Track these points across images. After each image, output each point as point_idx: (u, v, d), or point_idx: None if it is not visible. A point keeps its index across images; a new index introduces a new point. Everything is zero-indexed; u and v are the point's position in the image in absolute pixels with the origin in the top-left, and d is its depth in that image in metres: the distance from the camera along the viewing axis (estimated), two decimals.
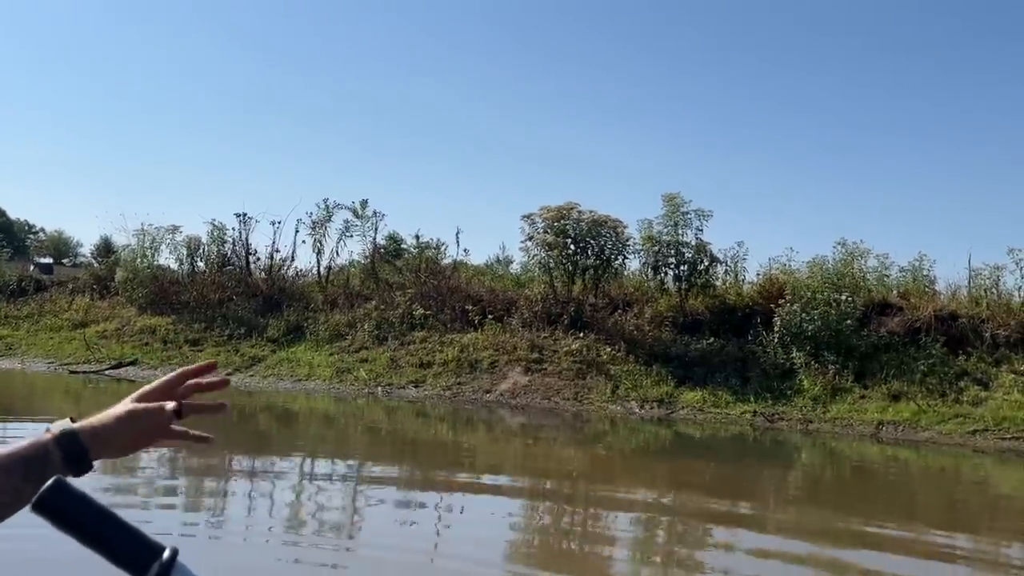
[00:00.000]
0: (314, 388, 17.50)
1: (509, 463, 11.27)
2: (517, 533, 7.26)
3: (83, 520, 0.73)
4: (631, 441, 13.79)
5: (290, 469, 9.94)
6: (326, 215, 23.42)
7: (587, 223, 19.64)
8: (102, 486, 8.15)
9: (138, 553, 0.73)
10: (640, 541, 7.27)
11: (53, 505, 0.72)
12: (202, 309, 21.18)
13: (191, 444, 1.23)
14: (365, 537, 6.88)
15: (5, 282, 24.37)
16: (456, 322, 19.51)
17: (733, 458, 12.55)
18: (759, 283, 19.40)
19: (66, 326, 21.50)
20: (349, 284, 22.76)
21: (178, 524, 6.67)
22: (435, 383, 17.33)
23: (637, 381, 16.51)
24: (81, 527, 0.73)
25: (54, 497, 0.72)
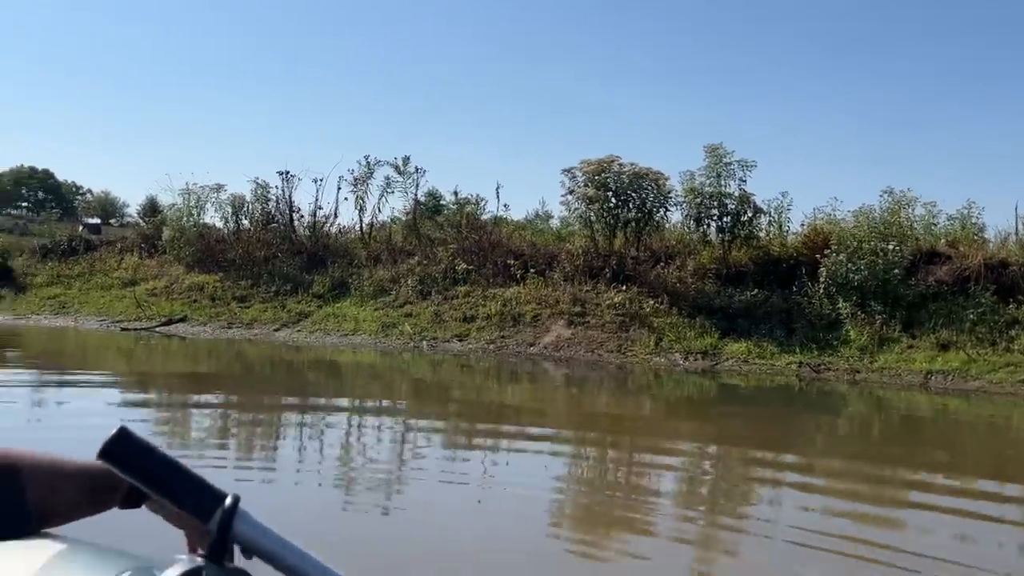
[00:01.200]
0: (360, 342, 17.73)
1: (554, 414, 11.38)
2: (562, 482, 7.35)
3: (148, 467, 0.75)
4: (676, 392, 13.83)
5: (339, 420, 10.12)
6: (367, 172, 23.55)
7: (628, 176, 19.51)
8: (160, 431, 8.41)
9: (202, 499, 0.74)
10: (685, 491, 7.33)
11: (119, 453, 0.74)
12: (248, 266, 21.49)
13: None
14: (413, 484, 7.01)
15: (56, 242, 24.87)
16: (498, 277, 19.60)
17: (779, 408, 12.55)
18: (804, 234, 19.20)
19: (116, 284, 21.94)
20: (391, 240, 22.93)
21: (232, 471, 6.87)
22: (479, 337, 17.48)
23: (681, 333, 16.51)
24: (146, 474, 0.75)
25: (119, 445, 0.74)
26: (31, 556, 0.76)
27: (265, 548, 0.74)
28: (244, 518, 0.73)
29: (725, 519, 6.29)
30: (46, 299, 21.36)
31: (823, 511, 6.45)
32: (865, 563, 5.03)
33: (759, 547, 5.46)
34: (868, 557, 5.13)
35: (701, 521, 6.26)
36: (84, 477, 0.93)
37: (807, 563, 5.05)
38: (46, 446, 0.96)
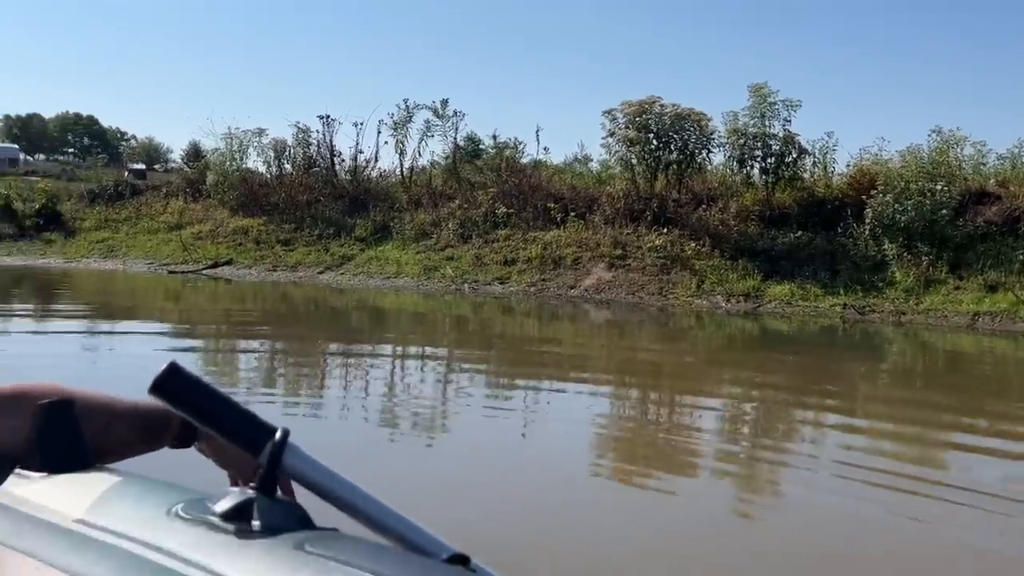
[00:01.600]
0: (403, 285, 17.92)
1: (595, 355, 11.45)
2: (603, 422, 7.43)
3: (198, 402, 0.75)
4: (717, 334, 13.83)
5: (383, 360, 10.28)
6: (407, 116, 23.52)
7: (670, 117, 19.29)
8: (208, 372, 8.64)
9: (252, 433, 0.75)
10: (727, 430, 7.38)
11: (170, 387, 0.74)
12: (291, 210, 21.69)
13: None
14: (456, 421, 7.14)
15: (103, 187, 25.27)
16: (538, 220, 19.59)
17: (823, 350, 12.51)
18: (849, 175, 18.90)
19: (163, 228, 22.30)
20: (432, 184, 22.97)
21: (280, 407, 7.04)
22: (520, 279, 17.56)
23: (723, 276, 16.45)
24: (196, 408, 0.75)
25: (170, 380, 0.74)
26: (88, 487, 0.78)
27: (314, 480, 0.74)
28: (293, 451, 0.74)
29: (767, 454, 6.34)
30: (95, 243, 21.79)
31: (866, 449, 6.48)
32: (908, 495, 5.08)
33: (800, 480, 5.52)
34: (911, 490, 5.18)
35: (743, 456, 6.32)
36: (136, 416, 0.95)
37: (848, 495, 5.11)
38: (99, 384, 0.99)
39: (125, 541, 0.70)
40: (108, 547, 0.70)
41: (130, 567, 0.68)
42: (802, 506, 5.05)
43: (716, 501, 5.15)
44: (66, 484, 0.80)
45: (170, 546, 0.68)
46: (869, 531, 4.51)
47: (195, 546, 0.67)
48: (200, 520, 0.70)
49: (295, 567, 0.64)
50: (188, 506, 0.72)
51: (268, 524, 0.69)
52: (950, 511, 4.85)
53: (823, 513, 4.86)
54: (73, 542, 0.72)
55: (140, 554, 0.69)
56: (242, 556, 0.66)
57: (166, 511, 0.72)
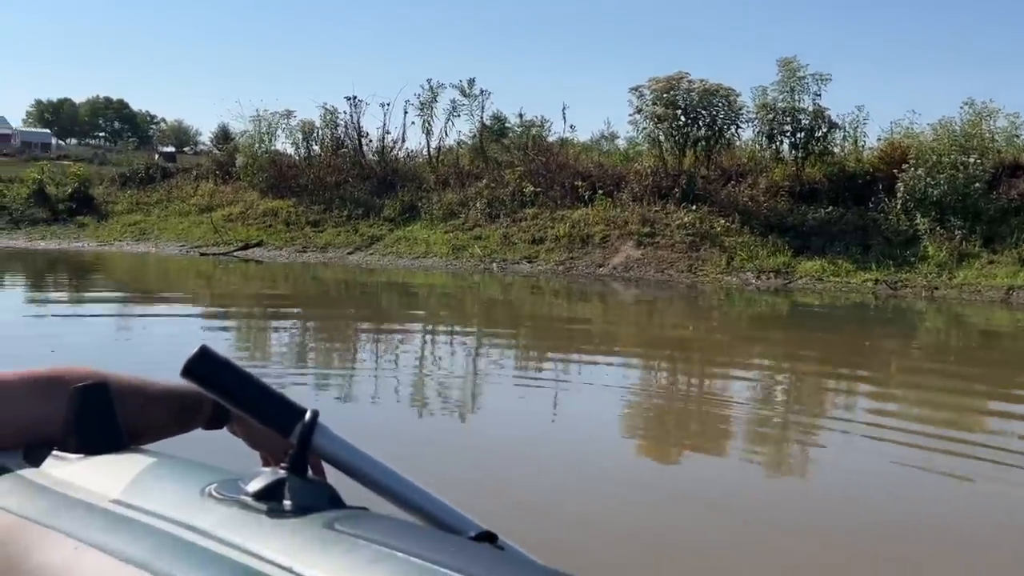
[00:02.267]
0: (431, 265, 17.98)
1: (624, 332, 11.44)
2: (634, 400, 7.43)
3: (229, 384, 0.76)
4: (748, 311, 13.76)
5: (414, 337, 10.36)
6: (432, 95, 23.47)
7: (698, 93, 19.11)
8: (241, 352, 8.74)
9: (282, 415, 0.75)
10: (757, 410, 7.36)
11: (201, 370, 0.75)
12: (320, 191, 21.80)
13: None
14: (486, 400, 7.20)
15: (134, 170, 25.50)
16: (566, 198, 19.54)
17: (855, 326, 12.41)
18: (880, 148, 18.67)
19: (193, 211, 22.50)
20: (459, 163, 22.96)
21: (311, 387, 7.12)
22: (548, 258, 17.56)
23: (753, 252, 16.34)
24: (227, 390, 0.76)
25: (201, 363, 0.75)
26: (123, 468, 0.79)
27: (344, 460, 0.76)
28: (323, 432, 0.75)
29: (801, 420, 6.36)
30: (127, 226, 22.04)
31: (900, 415, 6.47)
32: (942, 454, 5.08)
33: (833, 444, 5.54)
34: (944, 449, 5.16)
35: (776, 422, 6.33)
36: (170, 398, 0.97)
37: (883, 455, 5.12)
38: (133, 366, 1.02)
39: (160, 521, 0.71)
40: (144, 526, 0.71)
41: (165, 546, 0.68)
42: (840, 471, 5.05)
43: (749, 466, 5.17)
44: (102, 465, 0.81)
45: (204, 525, 0.69)
46: (911, 499, 4.51)
47: (228, 525, 0.68)
48: (233, 500, 0.71)
49: (325, 545, 0.64)
50: (221, 486, 0.72)
51: (299, 503, 0.69)
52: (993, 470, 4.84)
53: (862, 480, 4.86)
54: (110, 521, 0.72)
55: (175, 533, 0.69)
56: (274, 535, 0.66)
57: (200, 491, 0.73)
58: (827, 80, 18.57)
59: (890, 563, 3.74)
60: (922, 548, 3.97)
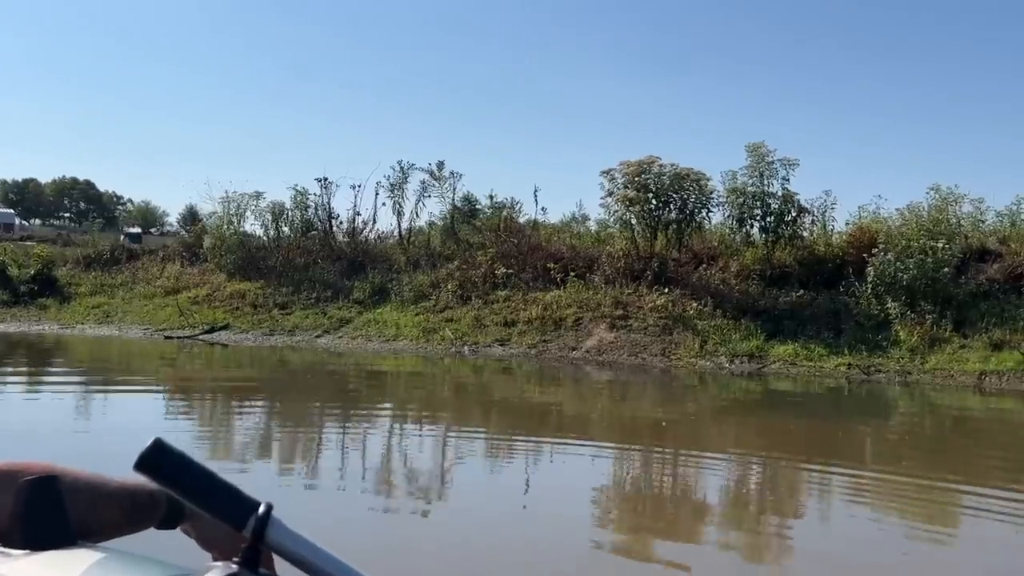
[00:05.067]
0: (402, 348, 17.71)
1: (597, 419, 11.23)
2: (606, 487, 7.23)
3: (182, 477, 0.76)
4: (722, 396, 13.61)
5: (381, 426, 10.09)
6: (403, 177, 23.56)
7: (669, 177, 19.30)
8: (203, 439, 8.42)
9: (235, 508, 0.75)
10: (732, 497, 7.17)
11: (154, 463, 0.75)
12: (289, 273, 21.57)
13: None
14: (456, 488, 6.98)
15: (99, 252, 25.14)
16: (538, 280, 19.48)
17: (829, 412, 12.29)
18: (849, 232, 18.90)
19: (159, 293, 22.13)
20: (430, 245, 22.92)
21: (274, 476, 6.86)
22: (520, 341, 17.37)
23: (726, 336, 16.28)
24: (181, 484, 0.76)
25: (154, 456, 0.75)
26: (70, 565, 0.78)
27: (298, 555, 0.75)
28: (277, 525, 0.75)
29: (771, 528, 6.13)
30: (90, 308, 21.58)
31: (874, 521, 6.26)
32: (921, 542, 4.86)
33: (808, 559, 5.30)
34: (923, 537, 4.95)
35: (746, 528, 6.10)
36: (124, 496, 0.97)
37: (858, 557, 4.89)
38: (88, 455, 1.05)
39: None
40: None
41: None
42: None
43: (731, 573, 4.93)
44: (49, 561, 0.81)
45: None
46: None
47: None
48: None
49: None
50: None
51: None
52: None
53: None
54: None
55: None
56: None
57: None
58: (795, 165, 18.86)
59: None
60: None
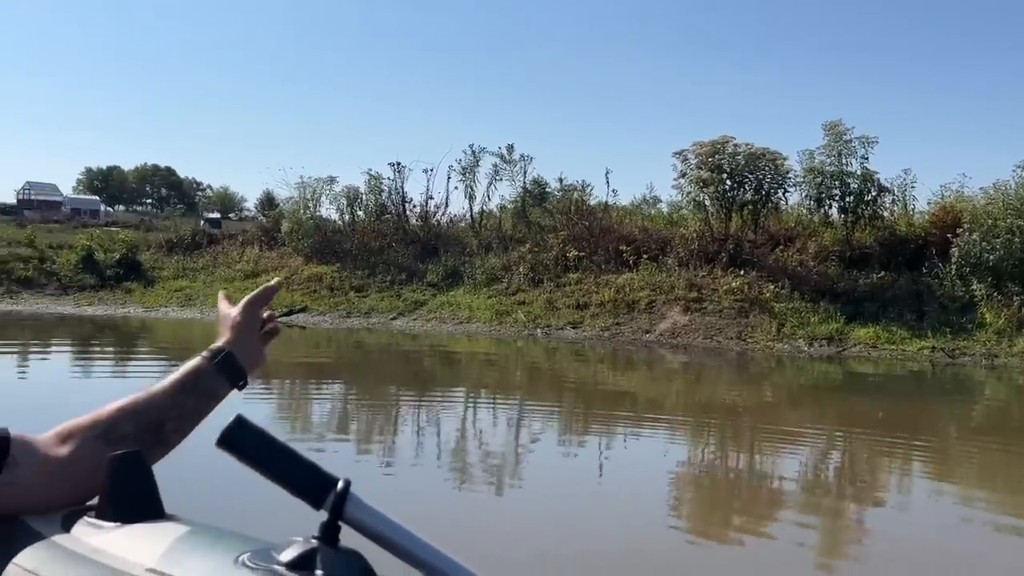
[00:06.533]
0: (475, 330, 17.83)
1: (672, 401, 11.16)
2: (682, 468, 7.18)
3: (262, 454, 0.78)
4: (799, 380, 13.39)
5: (456, 406, 10.21)
6: (474, 160, 23.66)
7: (744, 157, 18.99)
8: (283, 418, 8.63)
9: (314, 484, 0.77)
10: (810, 479, 7.06)
11: (235, 441, 0.77)
12: (364, 256, 21.89)
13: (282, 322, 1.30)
14: (529, 467, 7.03)
15: (181, 236, 25.87)
16: (610, 263, 19.40)
17: (911, 396, 11.99)
18: (932, 212, 18.36)
19: (239, 276, 22.66)
20: (501, 228, 23.00)
21: (352, 455, 6.98)
22: (593, 324, 17.34)
23: (804, 319, 15.99)
24: (261, 460, 0.78)
25: (235, 433, 0.77)
26: (158, 537, 0.82)
27: (376, 530, 0.76)
28: (355, 502, 0.76)
29: (852, 509, 6.04)
30: (173, 291, 22.22)
31: (959, 503, 6.11)
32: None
33: (884, 541, 5.21)
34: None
35: (826, 509, 6.02)
36: (175, 385, 1.08)
37: (934, 560, 4.79)
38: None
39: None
40: None
41: None
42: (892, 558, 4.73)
43: (797, 556, 4.87)
44: (138, 534, 0.84)
45: None
46: None
47: None
48: (265, 569, 0.72)
49: None
50: (254, 555, 0.75)
51: (331, 574, 0.71)
52: None
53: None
54: None
55: None
56: None
57: (233, 560, 0.75)
58: (874, 143, 18.37)
59: None
60: None
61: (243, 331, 1.20)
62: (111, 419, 1.02)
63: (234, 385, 1.15)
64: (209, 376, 1.12)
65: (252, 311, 1.23)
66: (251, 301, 1.23)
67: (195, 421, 1.10)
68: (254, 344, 1.22)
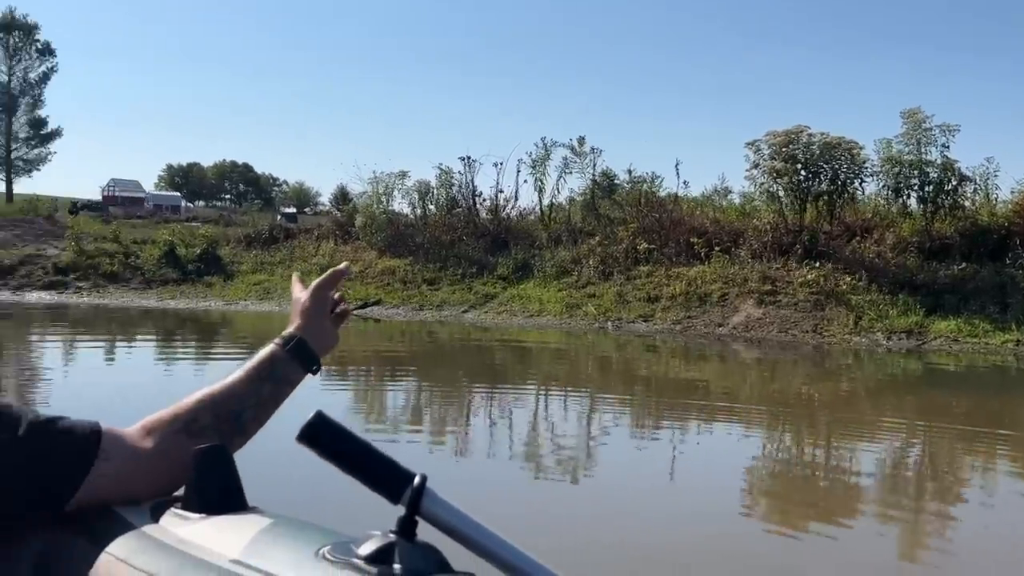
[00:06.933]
0: (545, 323, 17.91)
1: (746, 395, 11.06)
2: (756, 462, 7.13)
3: (342, 449, 0.79)
4: (878, 374, 13.14)
5: (527, 397, 10.29)
6: (544, 154, 23.70)
7: (819, 146, 18.66)
8: (358, 409, 8.82)
9: (392, 479, 0.78)
10: (890, 472, 6.95)
11: (315, 436, 0.78)
12: (435, 250, 22.15)
13: (357, 311, 1.30)
14: (601, 459, 7.06)
15: (258, 231, 26.51)
16: (681, 255, 19.28)
17: (995, 390, 11.68)
18: (1015, 201, 17.80)
19: (315, 270, 23.09)
20: (571, 221, 23.02)
21: (425, 445, 7.11)
22: (664, 317, 17.26)
23: (882, 311, 15.67)
24: (340, 455, 0.79)
25: (315, 429, 0.78)
26: (242, 529, 0.84)
27: (451, 525, 0.77)
28: (431, 497, 0.77)
29: (931, 506, 5.93)
30: (252, 285, 22.81)
31: None
32: None
33: (968, 533, 5.13)
34: None
35: (905, 505, 5.93)
36: (250, 372, 1.12)
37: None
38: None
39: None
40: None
41: None
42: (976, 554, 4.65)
43: (876, 551, 4.83)
44: (223, 525, 0.87)
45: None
46: None
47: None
48: (345, 562, 0.74)
49: None
50: (334, 548, 0.77)
51: (409, 568, 0.72)
52: None
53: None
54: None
55: None
56: None
57: (314, 553, 0.77)
58: (955, 131, 17.87)
59: None
60: None
61: (313, 315, 1.21)
62: (191, 412, 1.06)
63: (307, 370, 1.17)
64: (282, 363, 1.14)
65: (321, 295, 1.23)
66: (320, 285, 1.24)
67: (272, 408, 1.13)
68: (325, 327, 1.23)
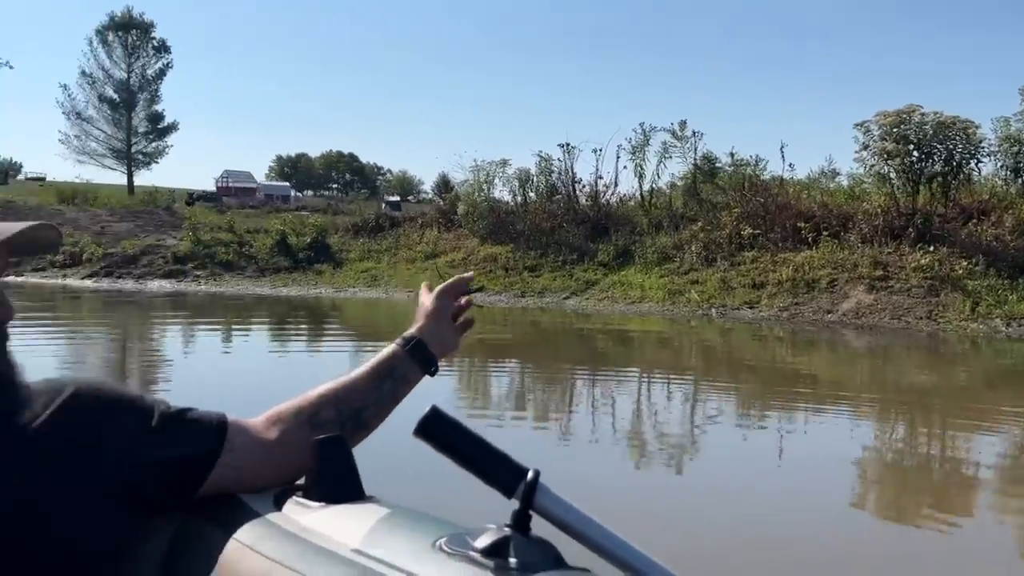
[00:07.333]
0: (647, 310, 17.84)
1: (858, 384, 10.81)
2: (867, 453, 6.98)
3: (457, 443, 0.81)
4: (997, 363, 12.65)
5: (631, 384, 10.30)
6: (644, 139, 23.54)
7: (932, 126, 17.99)
8: (464, 395, 9.00)
9: (505, 474, 0.79)
10: (1010, 463, 6.73)
11: (431, 430, 0.81)
12: (536, 237, 22.29)
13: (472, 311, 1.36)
14: (705, 448, 7.03)
15: (365, 220, 27.17)
16: (787, 240, 18.89)
17: None
18: None
19: (419, 257, 23.61)
20: (672, 206, 22.81)
21: (529, 432, 7.19)
22: (770, 303, 16.97)
23: (1001, 297, 15.04)
24: (456, 450, 0.81)
25: (432, 424, 0.81)
26: (362, 518, 0.87)
27: (564, 521, 0.79)
28: (545, 492, 0.78)
29: None
30: (360, 273, 23.42)
31: None
32: None
33: None
34: None
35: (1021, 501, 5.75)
36: (372, 372, 1.17)
37: None
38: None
39: (395, 572, 0.77)
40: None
41: None
42: None
43: (991, 545, 4.71)
44: (343, 514, 0.90)
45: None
46: None
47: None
48: (462, 555, 0.76)
49: None
50: (451, 540, 0.78)
51: (524, 562, 0.73)
52: None
53: None
54: (352, 571, 0.79)
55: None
56: None
57: (431, 544, 0.79)
58: None
59: None
60: None
61: (434, 319, 1.26)
62: (315, 405, 1.11)
63: (425, 371, 1.22)
64: (402, 363, 1.19)
65: (443, 300, 1.30)
66: (443, 291, 1.31)
67: (391, 406, 1.17)
68: (445, 331, 1.28)
